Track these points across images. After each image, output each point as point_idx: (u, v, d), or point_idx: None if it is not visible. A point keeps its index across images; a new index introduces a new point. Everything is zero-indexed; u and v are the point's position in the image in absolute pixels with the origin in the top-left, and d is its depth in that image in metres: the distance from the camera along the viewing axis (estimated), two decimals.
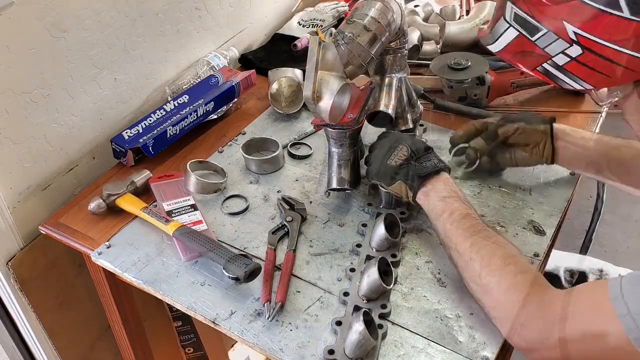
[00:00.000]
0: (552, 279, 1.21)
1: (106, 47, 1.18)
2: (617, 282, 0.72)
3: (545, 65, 0.76)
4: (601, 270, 1.21)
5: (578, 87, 0.75)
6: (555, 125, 1.06)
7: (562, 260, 1.23)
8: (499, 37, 0.80)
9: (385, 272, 0.89)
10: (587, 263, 1.24)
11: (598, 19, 0.68)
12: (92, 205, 1.07)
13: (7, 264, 1.10)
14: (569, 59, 0.73)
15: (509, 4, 0.77)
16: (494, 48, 0.83)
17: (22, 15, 1.00)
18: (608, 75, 0.71)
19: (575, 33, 0.70)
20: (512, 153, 1.09)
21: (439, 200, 0.94)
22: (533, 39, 0.75)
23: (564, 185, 1.11)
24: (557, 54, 0.74)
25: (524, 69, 0.80)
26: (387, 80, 1.10)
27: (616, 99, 0.80)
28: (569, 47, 0.72)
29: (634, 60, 0.68)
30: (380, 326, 0.86)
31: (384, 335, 0.86)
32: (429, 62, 1.33)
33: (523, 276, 0.81)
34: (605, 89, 0.78)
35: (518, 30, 0.77)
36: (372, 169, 1.03)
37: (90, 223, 1.08)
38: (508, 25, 0.78)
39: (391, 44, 1.07)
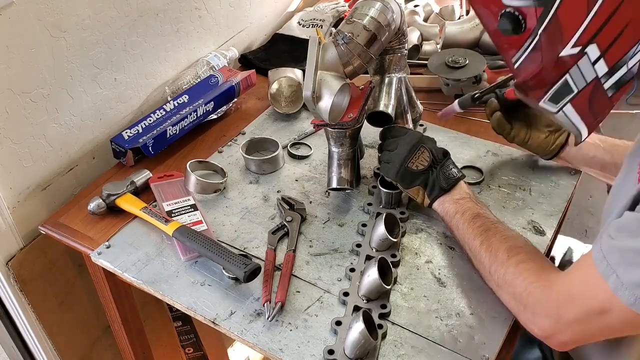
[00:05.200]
0: None
1: (106, 47, 1.18)
2: (598, 250, 0.72)
3: None
4: (569, 247, 1.21)
5: None
6: None
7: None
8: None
9: (385, 272, 0.89)
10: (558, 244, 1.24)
11: None
12: (92, 205, 1.07)
13: (7, 264, 1.10)
14: None
15: None
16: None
17: (22, 15, 1.00)
18: None
19: None
20: (530, 128, 1.08)
21: (452, 203, 0.96)
22: None
23: (564, 185, 1.11)
24: None
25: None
26: (386, 80, 1.09)
27: None
28: None
29: None
30: (380, 326, 0.86)
31: (384, 335, 0.86)
32: None
33: (525, 264, 0.82)
34: None
35: None
36: (390, 167, 1.01)
37: (90, 223, 1.08)
38: None
39: (391, 43, 1.07)
